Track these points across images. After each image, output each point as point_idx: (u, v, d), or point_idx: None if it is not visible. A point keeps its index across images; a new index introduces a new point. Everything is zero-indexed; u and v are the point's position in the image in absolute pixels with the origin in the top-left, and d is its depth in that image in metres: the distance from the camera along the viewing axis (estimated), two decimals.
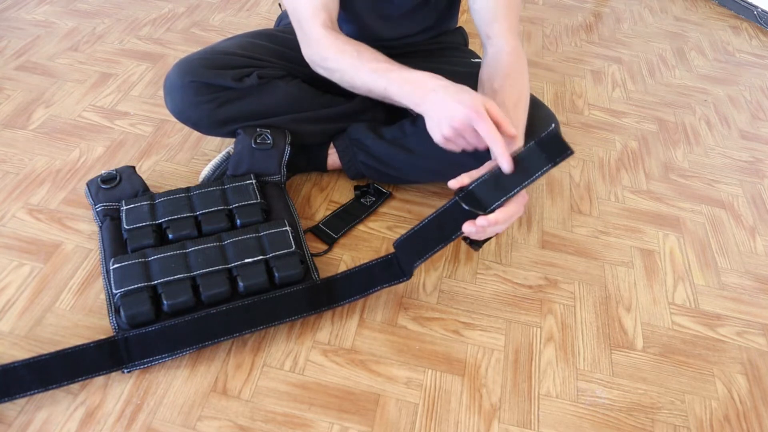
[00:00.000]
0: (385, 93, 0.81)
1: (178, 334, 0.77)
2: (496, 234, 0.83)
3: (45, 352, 0.77)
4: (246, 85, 0.95)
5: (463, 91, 0.74)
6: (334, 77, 0.88)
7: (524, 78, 0.89)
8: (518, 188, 0.74)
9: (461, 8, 1.39)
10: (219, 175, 1.03)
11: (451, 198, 0.78)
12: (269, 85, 0.98)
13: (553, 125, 0.82)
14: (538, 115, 0.95)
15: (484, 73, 0.91)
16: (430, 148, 1.00)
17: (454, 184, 0.76)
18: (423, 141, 1.01)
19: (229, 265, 0.83)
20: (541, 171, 0.74)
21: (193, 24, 1.56)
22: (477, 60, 1.08)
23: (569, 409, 0.80)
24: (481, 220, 0.72)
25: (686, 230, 1.12)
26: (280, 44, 1.02)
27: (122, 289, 0.78)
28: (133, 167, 0.99)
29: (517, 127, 0.82)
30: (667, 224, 1.13)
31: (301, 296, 0.84)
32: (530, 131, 0.93)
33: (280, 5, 1.39)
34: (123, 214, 0.90)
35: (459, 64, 1.06)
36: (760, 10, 1.96)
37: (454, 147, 0.78)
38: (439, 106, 0.74)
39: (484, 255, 1.00)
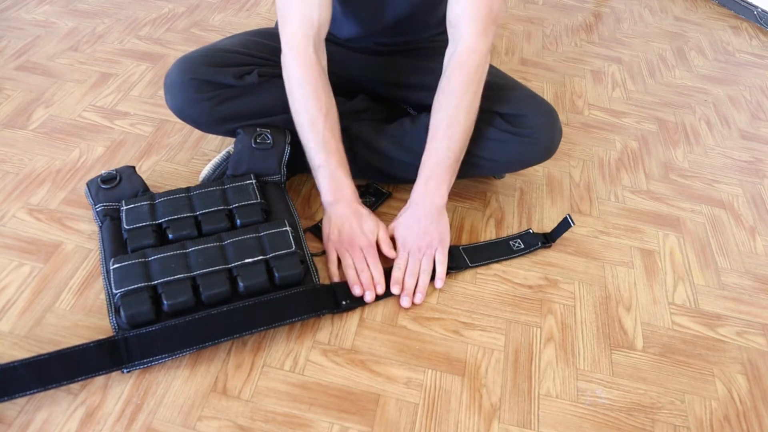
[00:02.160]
0: (315, 168, 0.93)
1: (179, 335, 0.77)
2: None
3: (45, 352, 0.77)
4: (246, 83, 0.95)
5: (360, 220, 0.91)
6: (289, 98, 0.92)
7: (455, 93, 0.89)
8: None
9: None
10: (219, 175, 1.03)
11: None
12: (269, 83, 0.98)
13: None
14: (535, 108, 0.96)
15: (439, 83, 0.93)
16: None
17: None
18: (423, 140, 1.01)
19: (229, 265, 0.83)
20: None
21: (193, 24, 1.56)
22: None
23: (569, 409, 0.80)
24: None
25: (686, 230, 1.12)
26: (280, 43, 1.02)
27: (122, 289, 0.78)
28: (133, 167, 0.99)
29: (425, 164, 0.92)
30: (667, 224, 1.13)
31: (302, 298, 0.84)
32: (522, 124, 0.95)
33: None
34: (123, 214, 0.90)
35: None
36: (760, 10, 1.96)
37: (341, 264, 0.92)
38: (343, 217, 0.91)
39: None
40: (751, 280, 1.03)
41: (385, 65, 1.07)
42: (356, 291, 0.87)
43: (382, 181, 1.08)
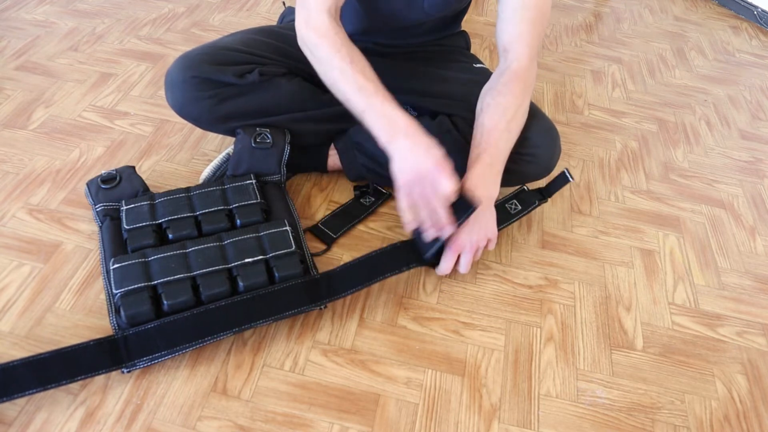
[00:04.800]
0: (361, 115, 0.83)
1: (178, 331, 0.77)
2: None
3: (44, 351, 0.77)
4: (247, 82, 0.95)
5: (432, 145, 0.78)
6: (317, 67, 0.86)
7: (516, 97, 0.89)
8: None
9: None
10: (219, 177, 1.03)
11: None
12: (270, 82, 0.98)
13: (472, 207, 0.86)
14: (538, 127, 0.94)
15: (485, 87, 0.93)
16: None
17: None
18: None
19: (229, 265, 0.83)
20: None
21: (193, 24, 1.56)
22: (480, 65, 1.08)
23: (569, 409, 0.80)
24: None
25: (686, 230, 1.12)
26: (282, 41, 1.02)
27: (122, 289, 0.78)
28: (133, 167, 0.99)
29: (486, 150, 0.87)
30: (667, 224, 1.13)
31: (300, 289, 0.84)
32: (526, 144, 0.93)
33: (283, 3, 1.39)
34: (123, 214, 0.90)
35: (461, 69, 1.06)
36: (760, 10, 1.96)
37: (413, 208, 0.82)
38: (408, 151, 0.79)
39: (484, 255, 1.00)
40: (751, 280, 1.03)
41: (386, 67, 1.07)
42: (430, 234, 0.84)
43: (382, 183, 1.08)
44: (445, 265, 0.90)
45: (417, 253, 0.91)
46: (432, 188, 0.78)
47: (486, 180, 0.86)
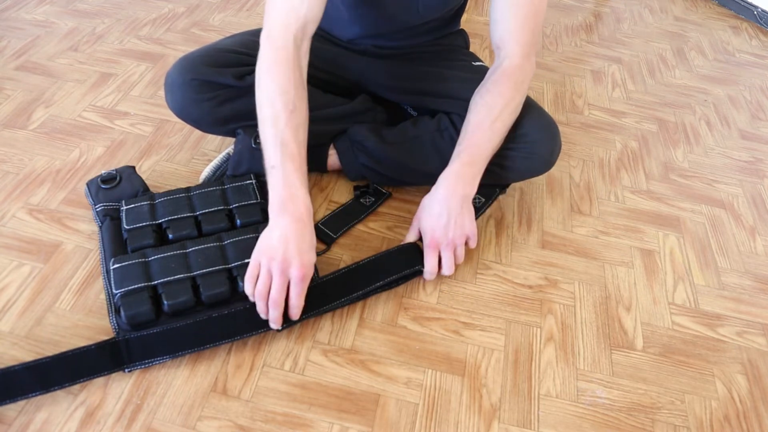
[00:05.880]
0: (268, 168, 0.81)
1: (179, 337, 0.77)
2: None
3: (45, 352, 0.77)
4: (247, 84, 0.95)
5: (305, 249, 0.76)
6: (256, 88, 0.84)
7: (503, 96, 0.89)
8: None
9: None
10: (219, 177, 1.03)
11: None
12: None
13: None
14: (535, 122, 0.94)
15: (479, 86, 0.94)
16: (431, 152, 1.01)
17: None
18: (424, 145, 1.01)
19: (229, 265, 0.83)
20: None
21: (193, 24, 1.56)
22: (478, 63, 1.08)
23: (569, 409, 0.80)
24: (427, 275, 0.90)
25: (686, 230, 1.12)
26: None
27: (122, 289, 0.78)
28: (133, 167, 0.99)
29: (467, 149, 0.88)
30: (667, 224, 1.13)
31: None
32: (523, 140, 0.93)
33: None
34: (123, 214, 0.90)
35: (461, 68, 1.06)
36: (760, 10, 1.96)
37: (255, 285, 0.77)
38: (274, 235, 0.76)
39: (484, 255, 1.00)
40: (751, 280, 1.03)
41: (386, 68, 1.07)
42: (260, 311, 0.78)
43: (382, 183, 1.08)
44: (428, 266, 0.89)
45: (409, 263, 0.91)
46: (281, 270, 0.75)
47: (463, 177, 0.88)
